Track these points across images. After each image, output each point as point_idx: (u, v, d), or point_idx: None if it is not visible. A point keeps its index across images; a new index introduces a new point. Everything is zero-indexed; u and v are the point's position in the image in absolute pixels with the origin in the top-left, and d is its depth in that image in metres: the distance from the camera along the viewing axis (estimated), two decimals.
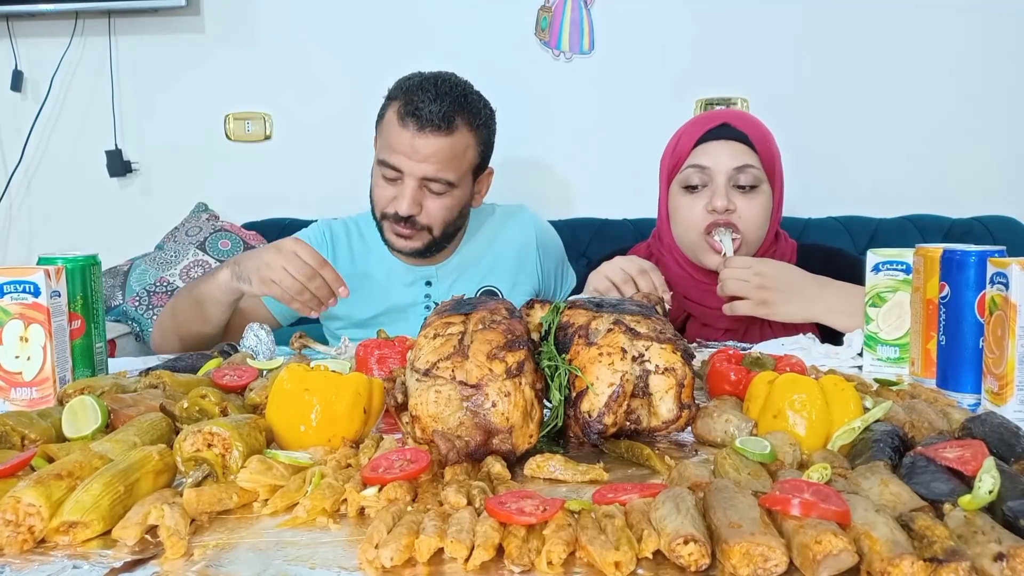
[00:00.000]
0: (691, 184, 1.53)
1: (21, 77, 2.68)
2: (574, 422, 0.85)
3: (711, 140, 1.53)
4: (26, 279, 1.03)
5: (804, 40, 2.52)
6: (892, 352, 1.23)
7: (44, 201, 2.77)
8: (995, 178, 2.53)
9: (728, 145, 1.52)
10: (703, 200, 1.51)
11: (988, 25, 2.49)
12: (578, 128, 2.60)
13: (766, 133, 1.57)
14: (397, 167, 1.61)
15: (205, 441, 0.76)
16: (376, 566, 0.60)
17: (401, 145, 1.60)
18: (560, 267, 1.95)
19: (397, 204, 1.62)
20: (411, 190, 1.61)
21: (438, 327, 0.84)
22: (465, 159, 1.64)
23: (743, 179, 1.50)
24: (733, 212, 1.50)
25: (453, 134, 1.60)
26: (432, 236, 1.67)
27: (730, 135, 1.52)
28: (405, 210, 1.61)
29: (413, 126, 1.58)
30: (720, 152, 1.52)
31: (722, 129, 1.53)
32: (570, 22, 2.57)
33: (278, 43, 2.64)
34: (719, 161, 1.51)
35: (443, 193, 1.63)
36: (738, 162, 1.50)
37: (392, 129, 1.62)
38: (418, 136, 1.58)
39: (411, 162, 1.59)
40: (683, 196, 1.55)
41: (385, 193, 1.65)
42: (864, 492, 0.67)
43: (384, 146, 1.64)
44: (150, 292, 2.38)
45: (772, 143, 1.56)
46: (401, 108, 1.61)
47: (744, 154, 1.51)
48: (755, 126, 1.56)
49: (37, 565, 0.61)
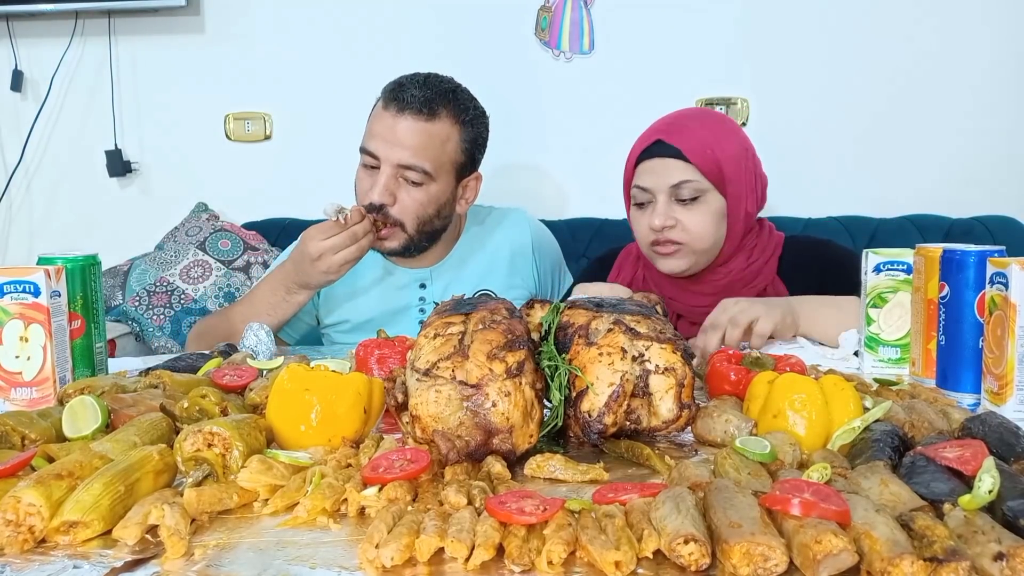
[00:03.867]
0: (639, 202, 1.56)
1: (21, 77, 2.68)
2: (574, 422, 0.85)
3: (647, 159, 1.54)
4: (26, 279, 1.03)
5: (804, 40, 2.52)
6: (893, 353, 1.23)
7: (44, 201, 2.76)
8: (995, 178, 2.52)
9: (663, 163, 1.52)
10: (647, 217, 1.54)
11: (988, 24, 2.48)
12: (578, 128, 2.60)
13: (708, 139, 1.51)
14: (375, 153, 1.58)
15: (205, 441, 0.76)
16: (376, 566, 0.60)
17: (381, 129, 1.58)
18: (557, 270, 1.94)
19: (371, 192, 1.58)
20: (385, 177, 1.57)
21: (438, 327, 0.84)
22: (445, 151, 1.60)
23: (683, 193, 1.51)
24: (674, 227, 1.51)
25: (434, 120, 1.57)
26: (407, 234, 1.62)
27: (664, 152, 1.51)
28: (377, 196, 1.57)
29: (394, 108, 1.57)
30: (656, 171, 1.53)
31: (656, 147, 1.53)
32: (570, 22, 2.57)
33: (278, 43, 2.63)
34: (656, 181, 1.52)
35: (419, 184, 1.58)
36: (674, 179, 1.50)
37: (374, 116, 1.62)
38: (398, 118, 1.56)
39: (388, 146, 1.56)
40: (635, 213, 1.59)
41: (363, 184, 1.63)
42: (864, 492, 0.67)
43: (365, 135, 1.63)
44: (150, 292, 2.38)
45: (718, 147, 1.51)
46: (385, 96, 1.61)
47: (679, 170, 1.50)
48: (693, 137, 1.51)
49: (37, 565, 0.61)
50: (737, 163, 1.53)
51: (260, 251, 2.47)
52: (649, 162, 1.53)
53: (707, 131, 1.53)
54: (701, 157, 1.50)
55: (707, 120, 1.57)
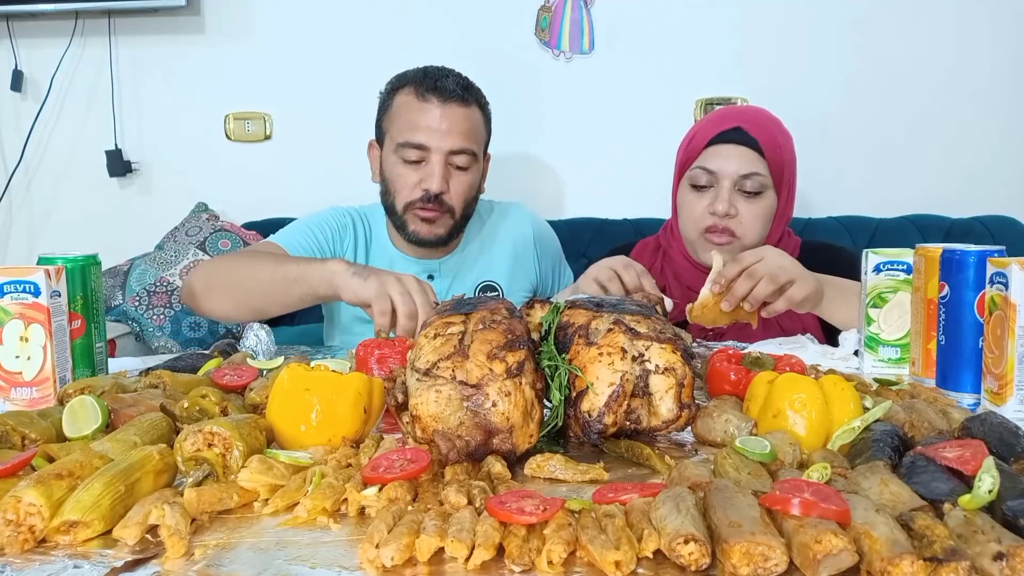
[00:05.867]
0: (698, 184, 1.54)
1: (21, 77, 2.68)
2: (574, 422, 0.85)
3: (721, 143, 1.53)
4: (26, 279, 1.03)
5: (804, 40, 2.52)
6: (893, 353, 1.23)
7: (44, 201, 2.76)
8: (995, 178, 2.52)
9: (737, 150, 1.52)
10: (707, 200, 1.53)
11: (988, 25, 2.48)
12: (578, 128, 2.60)
13: (780, 139, 1.55)
14: (423, 144, 1.62)
15: (206, 441, 0.76)
16: (377, 566, 0.60)
17: (427, 120, 1.61)
18: (558, 264, 1.96)
19: (427, 183, 1.62)
20: (439, 166, 1.62)
21: (438, 327, 0.84)
22: (481, 134, 1.70)
23: (748, 185, 1.51)
24: (734, 217, 1.51)
25: (470, 106, 1.65)
26: (453, 220, 1.69)
27: (740, 139, 1.52)
28: (437, 186, 1.62)
29: (437, 99, 1.62)
30: (729, 157, 1.52)
31: (734, 133, 1.53)
32: (570, 22, 2.57)
33: (278, 43, 2.63)
34: (726, 166, 1.52)
35: (467, 168, 1.66)
36: (744, 169, 1.51)
37: (410, 110, 1.63)
38: (444, 107, 1.62)
39: (439, 135, 1.61)
40: (690, 192, 1.57)
41: (408, 179, 1.65)
42: (864, 492, 0.67)
43: (403, 129, 1.64)
44: (150, 292, 2.38)
45: (784, 149, 1.55)
46: (417, 88, 1.63)
47: (752, 161, 1.51)
48: (768, 132, 1.54)
49: (38, 565, 0.61)
50: (792, 169, 1.57)
51: None
52: (722, 147, 1.53)
53: (778, 131, 1.56)
54: (773, 154, 1.52)
55: (776, 122, 1.60)
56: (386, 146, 1.69)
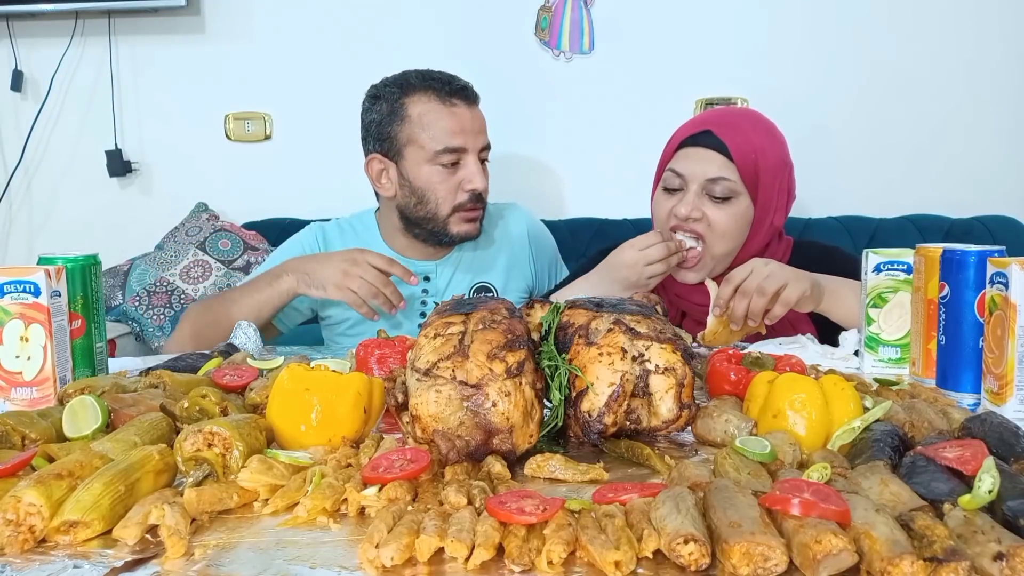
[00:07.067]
0: (669, 186, 1.54)
1: (21, 77, 2.68)
2: (574, 422, 0.85)
3: (691, 146, 1.52)
4: (26, 279, 1.03)
5: (804, 40, 2.52)
6: (893, 353, 1.23)
7: (44, 201, 2.76)
8: (995, 178, 2.53)
9: (706, 154, 1.50)
10: (674, 203, 1.52)
11: (988, 24, 2.49)
12: (578, 128, 2.60)
13: (756, 143, 1.50)
14: (462, 147, 1.65)
15: (206, 441, 0.76)
16: (377, 566, 0.60)
17: (461, 123, 1.65)
18: (553, 264, 1.96)
19: (471, 184, 1.66)
20: (479, 165, 1.69)
21: (438, 327, 0.84)
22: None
23: (717, 190, 1.49)
24: (700, 220, 1.50)
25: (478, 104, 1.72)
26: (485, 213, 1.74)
27: (710, 143, 1.50)
28: (483, 184, 1.68)
29: (463, 102, 1.67)
30: (696, 160, 1.51)
31: (704, 136, 1.51)
32: (570, 22, 2.57)
33: (278, 43, 2.63)
34: (693, 170, 1.51)
35: (486, 161, 1.73)
36: (711, 173, 1.49)
37: (440, 116, 1.65)
38: (472, 109, 1.68)
39: (473, 135, 1.67)
40: (661, 195, 1.57)
41: (449, 183, 1.67)
42: (864, 492, 0.67)
43: (438, 136, 1.64)
44: (150, 292, 2.38)
45: (764, 154, 1.50)
46: (438, 94, 1.65)
47: (720, 166, 1.49)
48: (743, 136, 1.50)
49: (38, 565, 0.61)
50: (774, 175, 1.52)
51: (260, 251, 2.47)
52: (692, 149, 1.52)
53: (756, 135, 1.52)
54: (743, 159, 1.49)
55: (759, 125, 1.56)
56: (412, 156, 1.67)
